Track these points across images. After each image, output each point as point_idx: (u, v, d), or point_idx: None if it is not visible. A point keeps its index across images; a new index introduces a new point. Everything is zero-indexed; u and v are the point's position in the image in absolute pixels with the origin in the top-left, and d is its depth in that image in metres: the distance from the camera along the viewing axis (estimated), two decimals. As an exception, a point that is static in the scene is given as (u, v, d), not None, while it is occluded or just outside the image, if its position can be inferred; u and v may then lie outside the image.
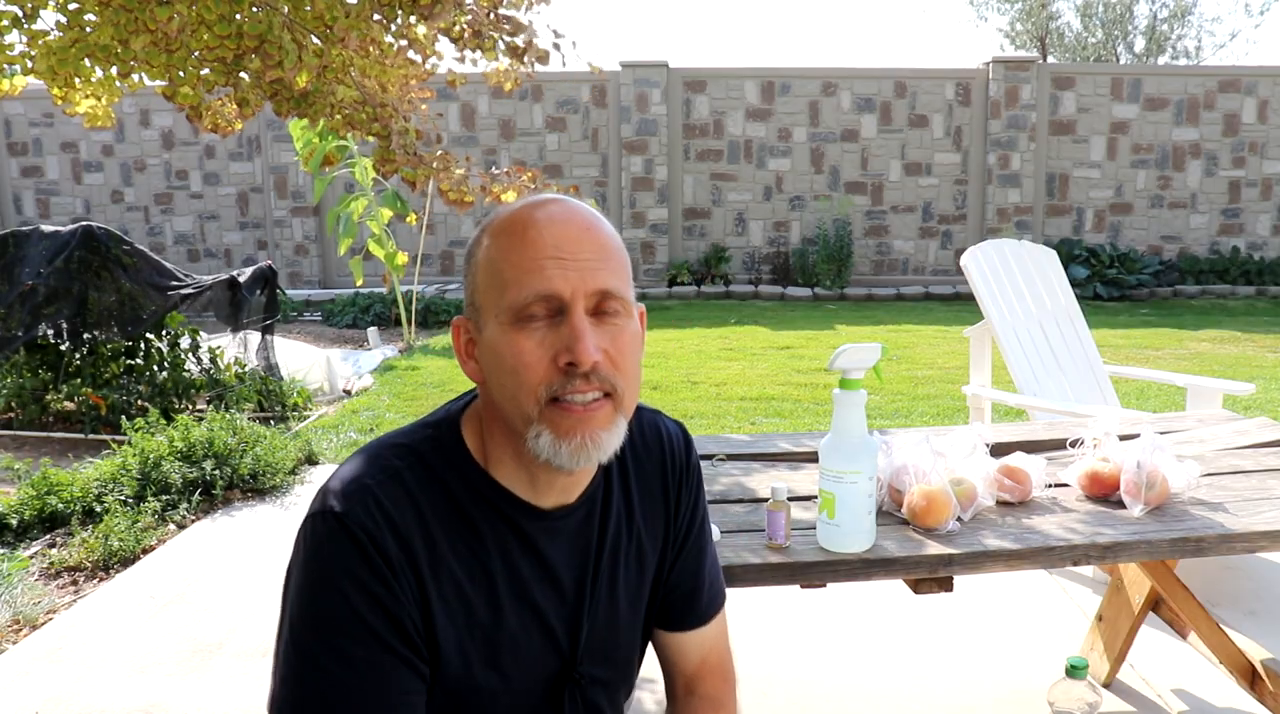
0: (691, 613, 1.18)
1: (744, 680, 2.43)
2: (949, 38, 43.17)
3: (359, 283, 7.95)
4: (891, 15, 42.89)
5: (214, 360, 5.18)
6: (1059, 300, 3.76)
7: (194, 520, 3.65)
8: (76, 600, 2.99)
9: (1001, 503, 1.74)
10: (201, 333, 5.23)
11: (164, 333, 5.10)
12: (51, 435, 4.82)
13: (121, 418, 4.36)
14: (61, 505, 3.50)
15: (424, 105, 3.32)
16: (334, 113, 2.87)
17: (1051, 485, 1.83)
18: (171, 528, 3.54)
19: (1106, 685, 2.34)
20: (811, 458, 2.00)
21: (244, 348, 5.44)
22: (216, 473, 3.83)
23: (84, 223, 4.89)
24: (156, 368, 5.03)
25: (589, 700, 1.08)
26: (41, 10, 2.58)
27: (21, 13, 2.57)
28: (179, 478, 3.72)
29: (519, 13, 3.03)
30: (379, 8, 2.70)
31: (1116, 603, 2.32)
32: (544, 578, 1.01)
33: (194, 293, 5.00)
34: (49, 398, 5.02)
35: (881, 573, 1.55)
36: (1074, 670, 1.36)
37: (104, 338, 4.98)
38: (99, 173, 10.94)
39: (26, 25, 2.60)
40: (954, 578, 1.58)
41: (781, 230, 10.76)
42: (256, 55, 2.58)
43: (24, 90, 3.32)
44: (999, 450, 1.89)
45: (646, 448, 1.12)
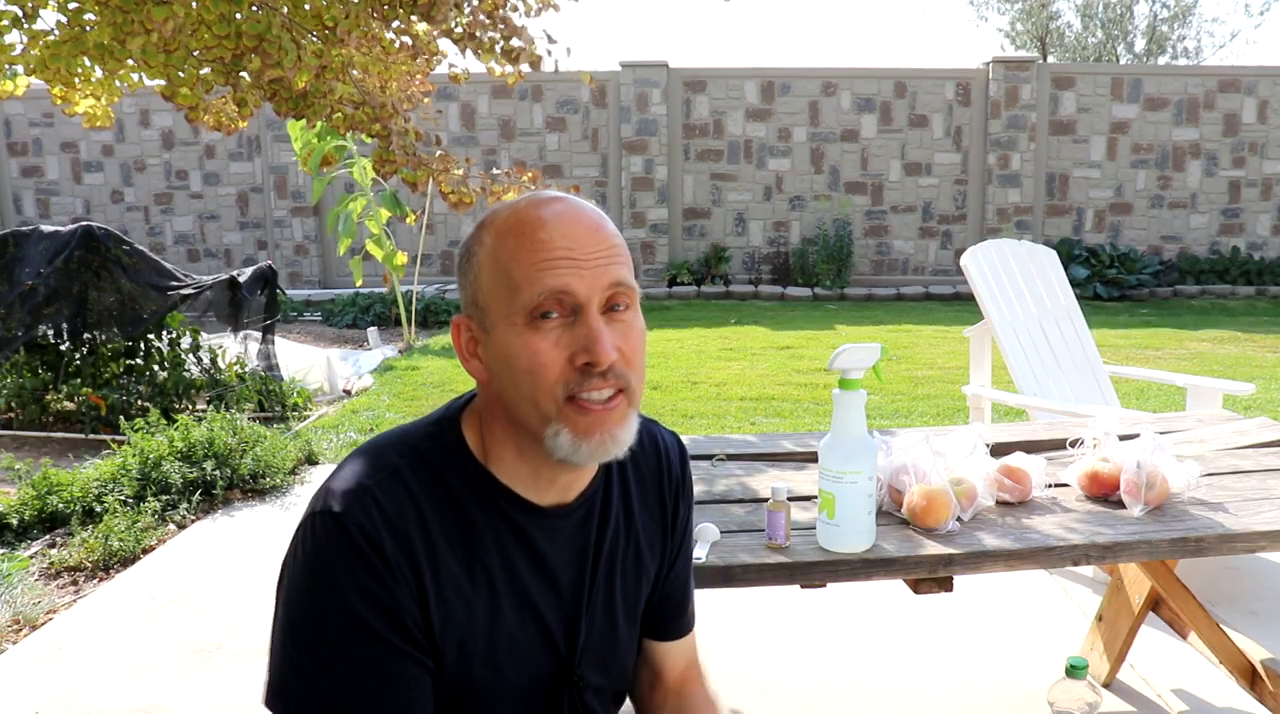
0: (681, 619, 1.21)
1: (744, 680, 2.44)
2: (949, 38, 43.20)
3: (359, 283, 7.95)
4: (891, 15, 42.93)
5: (214, 360, 5.19)
6: (1059, 300, 3.76)
7: (194, 520, 3.65)
8: (76, 600, 2.99)
9: (1001, 503, 1.74)
10: (202, 333, 5.23)
11: (164, 333, 5.10)
12: (51, 435, 4.82)
13: (121, 418, 4.36)
14: (61, 505, 3.50)
15: (426, 99, 3.32)
16: (334, 112, 2.87)
17: (1051, 485, 1.83)
18: (171, 528, 3.54)
19: (1106, 685, 2.34)
20: (811, 458, 2.00)
21: (245, 348, 5.44)
22: (217, 473, 3.83)
23: (84, 223, 4.89)
24: (156, 368, 5.04)
25: (586, 706, 1.08)
26: (41, 10, 2.58)
27: (21, 12, 2.57)
28: (179, 478, 3.72)
29: (519, 16, 3.03)
30: (378, 7, 2.71)
31: (1116, 603, 2.32)
32: (541, 576, 1.01)
33: (194, 293, 5.01)
34: (49, 398, 5.02)
35: (881, 573, 1.55)
36: (1074, 670, 1.36)
37: (104, 338, 4.98)
38: (99, 173, 10.94)
39: (27, 25, 2.60)
40: (954, 578, 1.58)
41: (781, 230, 10.76)
42: (255, 55, 2.58)
43: (25, 90, 3.32)
44: (999, 450, 1.89)
45: (644, 456, 1.13)
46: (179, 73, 2.67)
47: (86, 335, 4.96)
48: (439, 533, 0.95)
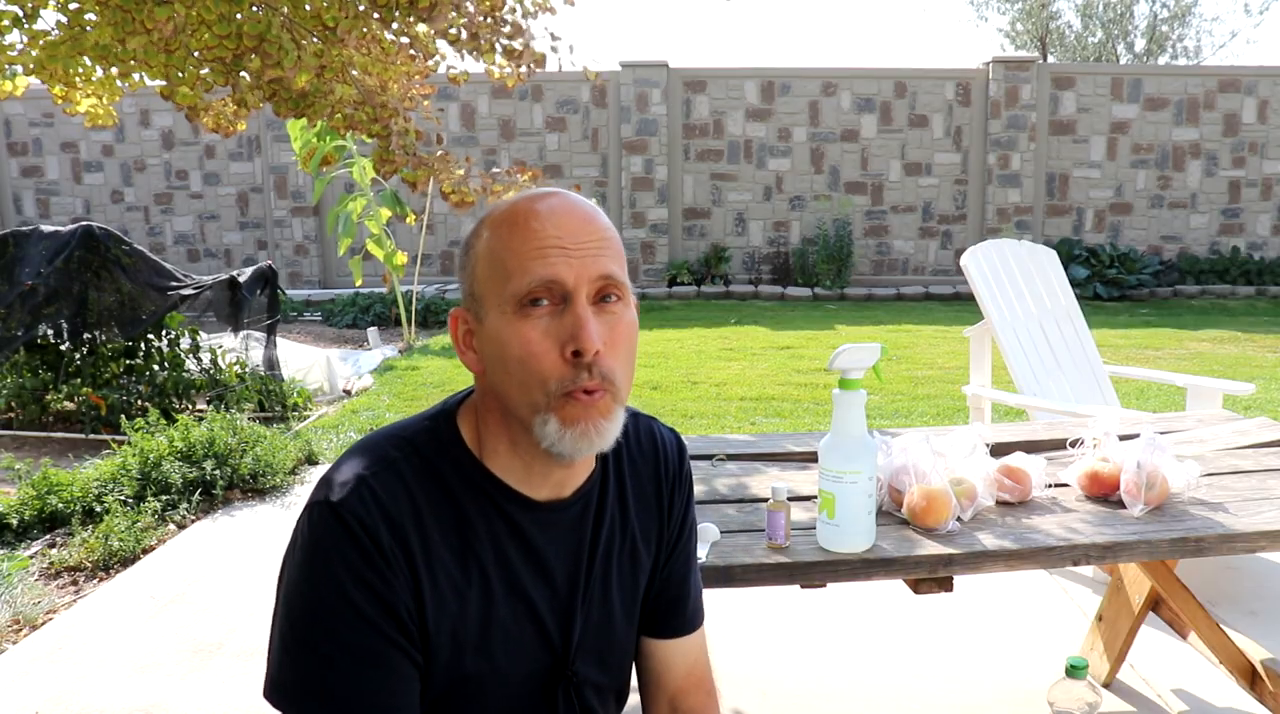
0: (678, 617, 1.18)
1: (744, 680, 2.44)
2: (949, 38, 43.19)
3: (359, 283, 7.95)
4: (891, 15, 42.91)
5: (214, 360, 5.19)
6: (1059, 300, 3.76)
7: (194, 520, 3.65)
8: (76, 600, 2.99)
9: (1001, 503, 1.74)
10: (202, 333, 5.23)
11: (164, 333, 5.10)
12: (51, 435, 4.82)
13: (121, 418, 4.36)
14: (61, 505, 3.50)
15: (426, 101, 3.32)
16: (334, 112, 2.87)
17: (1051, 485, 1.83)
18: (171, 528, 3.54)
19: (1106, 685, 2.34)
20: (811, 458, 2.00)
21: (245, 348, 5.45)
22: (217, 473, 3.83)
23: (84, 223, 4.89)
24: (156, 368, 5.03)
25: (583, 702, 1.08)
26: (42, 10, 2.58)
27: (22, 12, 2.57)
28: (179, 478, 3.72)
29: (520, 17, 3.03)
30: (377, 8, 2.71)
31: (1116, 603, 2.32)
32: (535, 569, 1.02)
33: (194, 293, 5.01)
34: (49, 398, 5.02)
35: (881, 573, 1.55)
36: (1074, 670, 1.36)
37: (104, 338, 4.98)
38: (99, 173, 10.94)
39: (27, 25, 2.61)
40: (954, 578, 1.58)
41: (781, 230, 10.76)
42: (256, 55, 2.58)
43: (24, 90, 3.32)
44: (999, 450, 1.89)
45: (642, 452, 1.13)
46: (179, 73, 2.67)
47: (86, 335, 4.96)
48: (433, 524, 0.96)
